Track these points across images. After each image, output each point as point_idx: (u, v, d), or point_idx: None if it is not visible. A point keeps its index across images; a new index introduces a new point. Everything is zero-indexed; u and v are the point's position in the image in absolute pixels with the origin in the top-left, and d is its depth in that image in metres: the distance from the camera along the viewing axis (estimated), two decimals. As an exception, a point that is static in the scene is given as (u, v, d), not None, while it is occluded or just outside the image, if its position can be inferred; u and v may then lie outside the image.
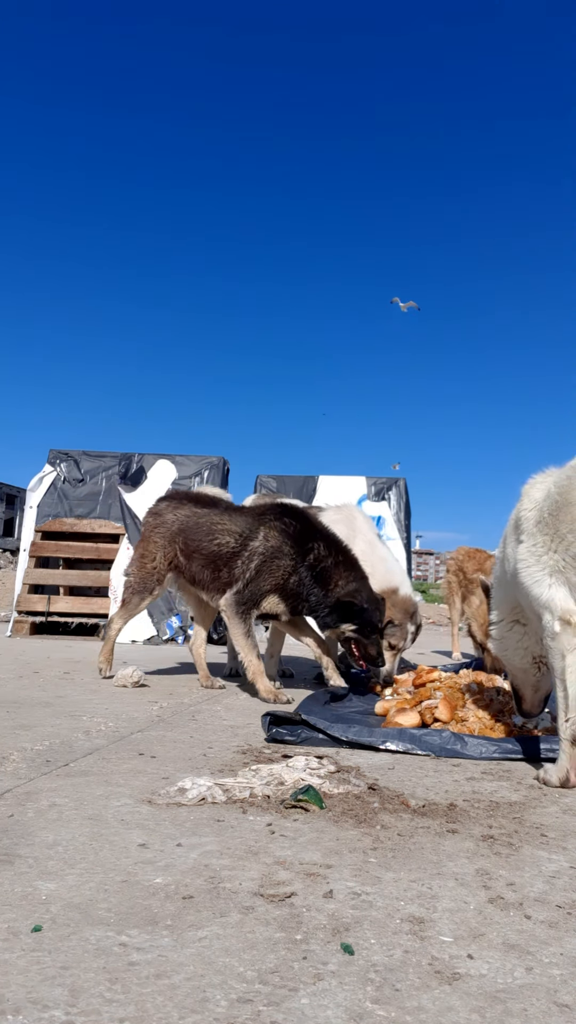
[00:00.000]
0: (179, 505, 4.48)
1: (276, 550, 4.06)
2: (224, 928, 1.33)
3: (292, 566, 4.04)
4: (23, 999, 1.09)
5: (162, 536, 4.38)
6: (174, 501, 4.56)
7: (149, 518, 4.54)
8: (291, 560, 4.04)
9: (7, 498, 36.17)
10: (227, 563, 4.15)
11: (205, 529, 4.25)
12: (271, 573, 4.05)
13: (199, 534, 4.26)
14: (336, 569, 4.04)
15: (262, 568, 4.06)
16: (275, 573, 4.05)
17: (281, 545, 4.06)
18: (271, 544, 4.07)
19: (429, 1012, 1.11)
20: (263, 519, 4.18)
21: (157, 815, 1.94)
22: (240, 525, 4.20)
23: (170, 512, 4.45)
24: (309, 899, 1.47)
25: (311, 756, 2.53)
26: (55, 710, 3.39)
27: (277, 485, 8.52)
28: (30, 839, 1.72)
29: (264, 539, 4.09)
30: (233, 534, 4.17)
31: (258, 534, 4.11)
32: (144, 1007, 1.08)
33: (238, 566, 4.11)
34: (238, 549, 4.13)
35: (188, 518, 4.36)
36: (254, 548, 4.09)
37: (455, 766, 2.65)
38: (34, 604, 7.85)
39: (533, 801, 2.25)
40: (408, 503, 8.60)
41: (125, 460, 8.40)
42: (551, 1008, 1.13)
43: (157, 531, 4.41)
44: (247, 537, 4.13)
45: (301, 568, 4.04)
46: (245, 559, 4.10)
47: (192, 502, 4.51)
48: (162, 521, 4.43)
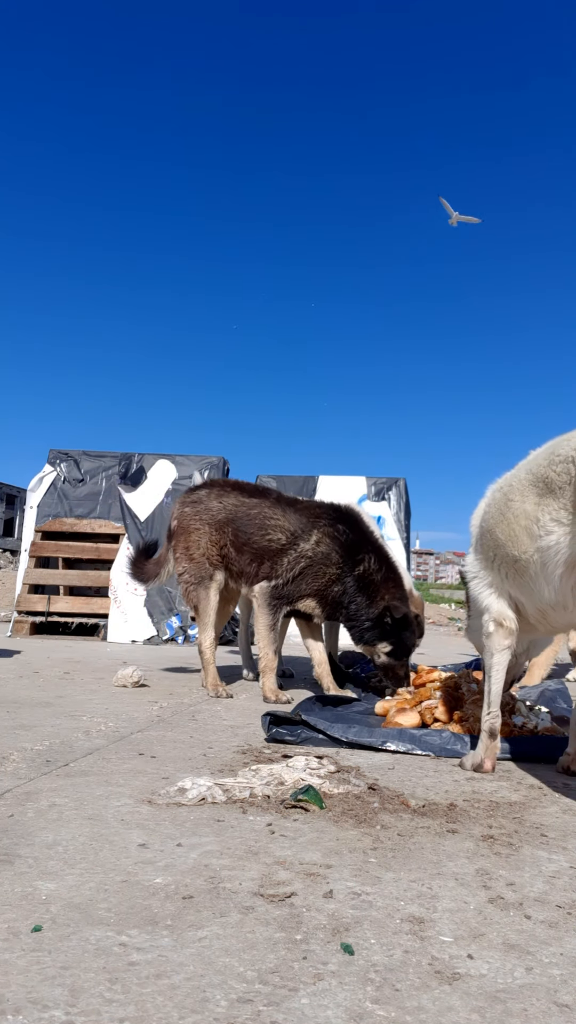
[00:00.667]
0: (224, 493, 4.27)
1: (325, 557, 3.97)
2: (224, 928, 1.33)
3: (338, 575, 3.96)
4: (23, 999, 1.09)
5: (207, 523, 4.17)
6: (216, 488, 4.34)
7: (187, 508, 4.29)
8: (338, 569, 3.96)
9: (7, 498, 36.19)
10: (272, 558, 4.03)
11: (257, 523, 4.08)
12: (315, 578, 3.98)
13: (251, 527, 4.08)
14: (384, 584, 3.94)
15: (306, 571, 3.98)
16: (319, 579, 3.98)
17: (331, 553, 3.97)
18: (321, 550, 3.98)
19: (429, 1012, 1.11)
20: (317, 522, 4.05)
21: (157, 815, 1.94)
22: (293, 523, 4.05)
23: (215, 500, 4.24)
24: (309, 899, 1.47)
25: (311, 756, 2.53)
26: (55, 710, 3.39)
27: (277, 485, 8.52)
28: (30, 839, 1.72)
29: (315, 543, 3.99)
30: (285, 531, 4.03)
31: (310, 537, 4.00)
32: (144, 1007, 1.08)
33: (283, 563, 4.00)
34: (286, 546, 4.01)
35: (237, 508, 4.17)
36: (303, 550, 3.99)
37: (455, 766, 2.66)
38: (34, 604, 7.85)
39: (533, 801, 2.25)
40: (408, 503, 8.60)
41: (125, 460, 8.40)
42: (551, 1008, 1.13)
43: (200, 518, 4.20)
44: (298, 536, 4.01)
45: (348, 578, 3.95)
46: (292, 559, 3.99)
47: (237, 490, 4.29)
48: (206, 508, 4.21)
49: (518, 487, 2.41)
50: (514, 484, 2.43)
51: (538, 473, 2.32)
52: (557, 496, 2.24)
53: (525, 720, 3.08)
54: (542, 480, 2.29)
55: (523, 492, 2.37)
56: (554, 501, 2.25)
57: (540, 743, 2.85)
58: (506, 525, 2.44)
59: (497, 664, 2.59)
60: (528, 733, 3.00)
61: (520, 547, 2.39)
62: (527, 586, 2.44)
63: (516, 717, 3.09)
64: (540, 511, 2.29)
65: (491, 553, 2.57)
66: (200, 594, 4.17)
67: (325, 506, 4.23)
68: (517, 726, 3.05)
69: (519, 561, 2.42)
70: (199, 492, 4.38)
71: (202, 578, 4.17)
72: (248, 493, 4.27)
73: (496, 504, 2.52)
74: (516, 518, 2.39)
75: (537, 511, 2.31)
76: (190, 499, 4.35)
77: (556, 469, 2.23)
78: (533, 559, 2.34)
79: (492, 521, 2.54)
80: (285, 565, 4.00)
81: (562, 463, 2.22)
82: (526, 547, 2.36)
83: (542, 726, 3.04)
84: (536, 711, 3.16)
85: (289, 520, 4.07)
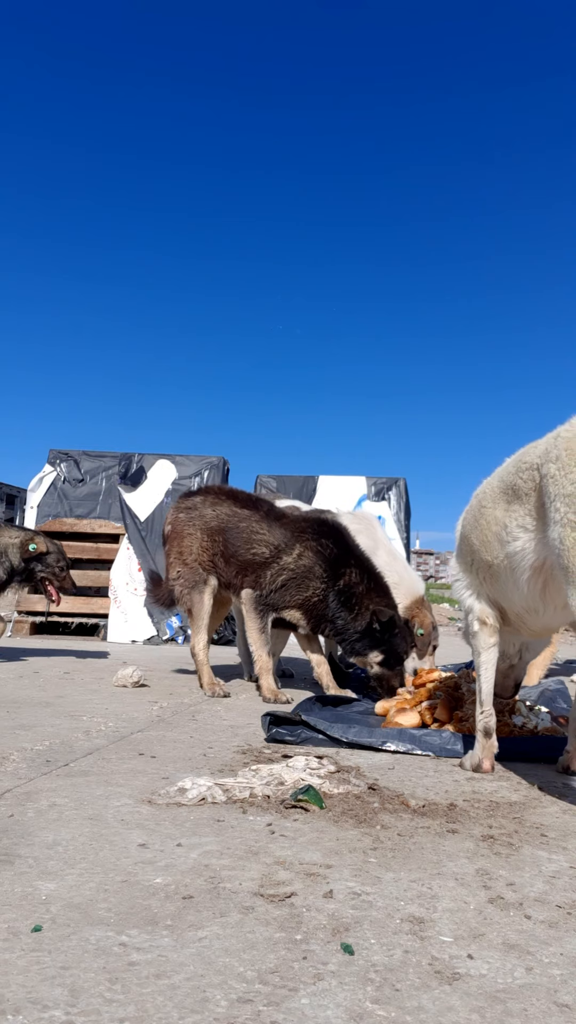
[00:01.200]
0: (218, 501, 4.31)
1: (307, 570, 4.00)
2: (224, 928, 1.33)
3: (321, 588, 3.99)
4: (23, 999, 1.09)
5: (199, 529, 4.23)
6: (211, 496, 4.39)
7: (181, 513, 4.35)
8: (321, 583, 3.98)
9: (7, 498, 36.21)
10: (256, 570, 4.10)
11: (245, 536, 4.14)
12: (298, 590, 4.02)
13: (239, 540, 4.14)
14: (368, 596, 3.95)
15: (289, 583, 4.02)
16: (302, 591, 4.02)
17: (313, 566, 4.00)
18: (303, 563, 4.01)
19: (429, 1012, 1.11)
20: (300, 536, 4.08)
21: (157, 815, 1.94)
22: (277, 537, 4.10)
23: (208, 507, 4.29)
24: (309, 899, 1.47)
25: (311, 756, 2.53)
26: (55, 710, 3.39)
27: (277, 485, 8.52)
28: (30, 839, 1.72)
29: (297, 557, 4.03)
30: (269, 545, 4.08)
31: (292, 550, 4.04)
32: (144, 1007, 1.08)
33: (266, 576, 4.06)
34: (269, 560, 4.06)
35: (229, 518, 4.21)
36: (285, 563, 4.03)
37: (455, 766, 2.66)
38: (34, 604, 7.85)
39: (533, 801, 2.25)
40: (408, 503, 8.60)
41: (125, 460, 8.40)
42: (551, 1008, 1.13)
43: (192, 524, 4.25)
44: (281, 550, 4.06)
45: (330, 592, 3.97)
46: (275, 571, 4.04)
47: (231, 499, 4.33)
48: (200, 515, 4.27)
49: (490, 494, 2.47)
50: (487, 491, 2.50)
51: (507, 480, 2.38)
52: (523, 502, 2.30)
53: (525, 720, 3.08)
54: (510, 487, 2.36)
55: (494, 499, 2.44)
56: (520, 507, 2.31)
57: (540, 743, 2.85)
58: (479, 531, 2.52)
59: (486, 663, 2.62)
60: (528, 733, 3.00)
61: (491, 553, 2.46)
62: (501, 591, 2.52)
63: (516, 717, 3.09)
64: (508, 517, 2.36)
65: (469, 558, 2.64)
66: (194, 598, 4.23)
67: (310, 521, 4.27)
68: (517, 726, 3.05)
69: (492, 566, 2.49)
70: (194, 499, 4.44)
71: (196, 582, 4.23)
72: (241, 503, 4.30)
73: (471, 511, 2.60)
74: (488, 524, 2.46)
75: (505, 517, 2.37)
76: (184, 505, 4.43)
77: (523, 476, 2.29)
78: (503, 564, 2.42)
79: (468, 527, 2.61)
80: (268, 577, 4.07)
81: (528, 470, 2.27)
82: (496, 553, 2.43)
83: (542, 726, 3.04)
84: (536, 711, 3.16)
85: (274, 534, 4.12)
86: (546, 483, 2.15)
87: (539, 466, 2.20)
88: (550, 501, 2.12)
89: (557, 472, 2.10)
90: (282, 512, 4.34)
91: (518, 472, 2.31)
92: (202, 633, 4.25)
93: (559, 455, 2.11)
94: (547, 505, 2.14)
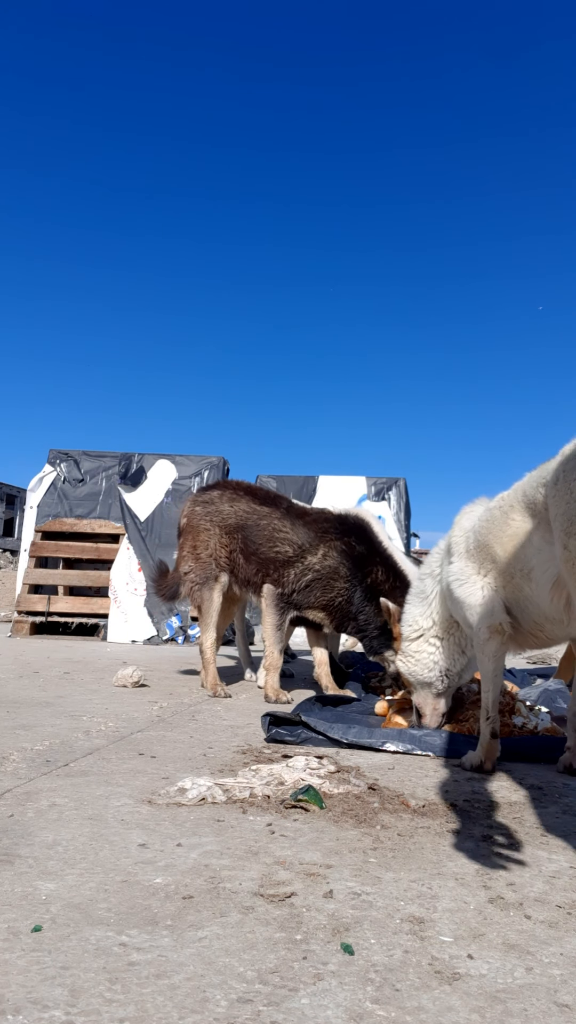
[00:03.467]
0: (236, 497, 4.25)
1: (332, 570, 3.96)
2: (224, 928, 1.33)
3: (346, 588, 3.95)
4: (23, 999, 1.09)
5: (216, 525, 4.18)
6: (229, 491, 4.32)
7: (198, 507, 4.29)
8: (346, 583, 3.95)
9: (7, 498, 36.23)
10: (279, 568, 4.04)
11: (267, 534, 4.08)
12: (324, 591, 3.98)
13: (260, 538, 4.09)
14: (392, 594, 3.88)
15: (314, 584, 3.98)
16: (327, 592, 3.98)
17: (338, 566, 3.96)
18: (328, 564, 3.97)
19: (429, 1012, 1.11)
20: (325, 536, 4.03)
21: (157, 815, 1.94)
22: (301, 536, 4.05)
23: (226, 503, 4.23)
24: (309, 899, 1.47)
25: (311, 756, 2.53)
26: (55, 710, 3.39)
27: (277, 485, 8.52)
28: (30, 839, 1.72)
29: (322, 557, 3.99)
30: (293, 544, 4.04)
31: (317, 550, 4.00)
32: (144, 1007, 1.08)
33: (289, 575, 4.01)
34: (293, 559, 4.02)
35: (248, 515, 4.16)
36: (310, 563, 3.99)
37: (455, 766, 2.66)
38: (34, 604, 7.85)
39: (533, 801, 2.24)
40: (408, 503, 8.60)
41: (125, 460, 8.40)
42: (551, 1008, 1.13)
43: (209, 519, 4.21)
44: (306, 550, 4.01)
45: (356, 591, 3.94)
46: (299, 571, 4.00)
47: (250, 496, 4.27)
48: (217, 510, 4.22)
49: (517, 506, 2.53)
50: (513, 503, 2.54)
51: (529, 495, 2.45)
52: (541, 516, 2.38)
53: (525, 720, 3.08)
54: (532, 501, 2.43)
55: (521, 511, 2.50)
56: (541, 521, 2.39)
57: (540, 743, 2.85)
58: (506, 541, 2.54)
59: (494, 671, 2.61)
60: (528, 733, 3.00)
61: (516, 564, 2.51)
62: (523, 599, 2.54)
63: (516, 717, 3.09)
64: (534, 531, 2.44)
65: (488, 565, 2.64)
66: (204, 594, 4.18)
67: (334, 518, 4.17)
68: (517, 726, 3.05)
69: (514, 577, 2.53)
70: (211, 493, 4.36)
71: (207, 578, 4.17)
72: (260, 500, 4.24)
73: (495, 520, 2.61)
74: (515, 535, 2.50)
75: (532, 530, 2.44)
76: (202, 499, 4.34)
77: (540, 492, 2.37)
78: (529, 576, 2.47)
79: (491, 536, 2.61)
80: (292, 576, 4.00)
81: (541, 487, 2.36)
82: (521, 564, 2.49)
83: (542, 726, 3.04)
84: (536, 711, 3.16)
85: (297, 533, 4.05)
86: (548, 502, 2.27)
87: (546, 484, 2.31)
88: (552, 519, 2.24)
89: (555, 492, 2.21)
90: (303, 509, 4.28)
91: (537, 486, 2.40)
92: (211, 631, 4.20)
93: (558, 476, 2.22)
94: (552, 521, 2.25)
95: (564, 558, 2.16)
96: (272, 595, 4.02)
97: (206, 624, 4.21)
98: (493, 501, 2.69)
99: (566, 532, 2.14)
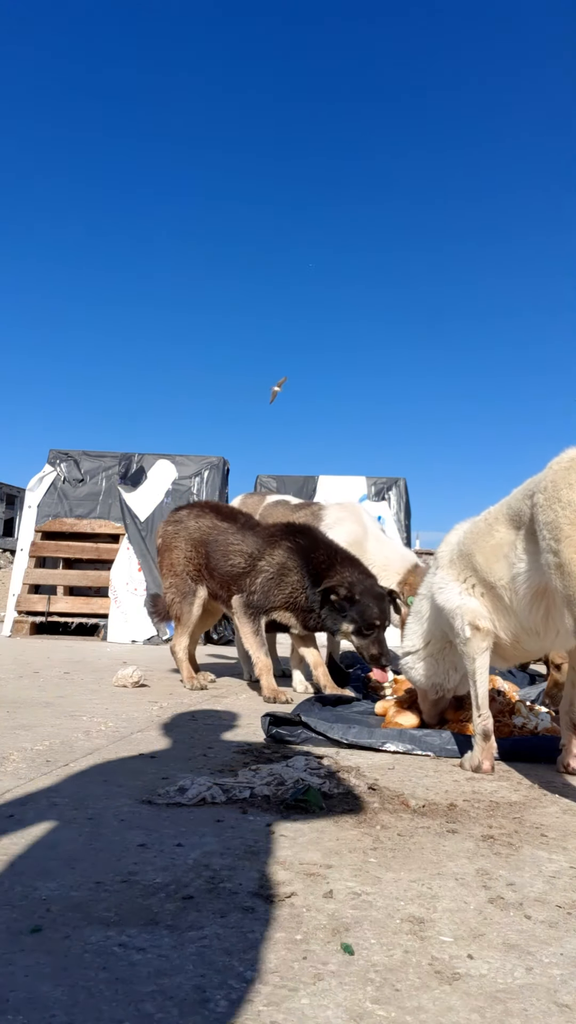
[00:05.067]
0: (202, 514, 4.53)
1: (281, 567, 4.10)
2: (224, 928, 1.33)
3: (298, 580, 4.06)
4: (23, 999, 1.09)
5: (184, 540, 4.45)
6: (196, 509, 4.63)
7: (169, 527, 4.59)
8: (296, 575, 4.07)
9: (7, 498, 36.25)
10: (236, 579, 4.24)
11: (223, 550, 4.30)
12: (279, 589, 4.10)
13: (218, 554, 4.31)
14: (331, 568, 4.01)
15: (269, 583, 4.11)
16: (283, 589, 4.10)
17: (286, 560, 4.09)
18: (275, 560, 4.12)
19: (429, 1012, 1.11)
20: (272, 539, 4.21)
21: (157, 815, 1.94)
22: (251, 546, 4.23)
23: (193, 520, 4.51)
24: (309, 899, 1.47)
25: (311, 756, 2.53)
26: (55, 710, 3.39)
27: (277, 485, 8.52)
28: (30, 839, 1.72)
29: (270, 556, 4.15)
30: (244, 555, 4.22)
31: (264, 555, 4.17)
32: (144, 1007, 1.08)
33: (246, 581, 4.19)
34: (247, 569, 4.19)
35: (210, 531, 4.41)
36: (260, 567, 4.15)
37: (455, 766, 2.66)
38: (34, 604, 7.85)
39: (533, 801, 2.25)
40: (408, 503, 8.60)
41: (125, 460, 8.40)
42: (551, 1008, 1.13)
43: (178, 536, 4.48)
44: (256, 557, 4.19)
45: (306, 581, 4.05)
46: (253, 575, 4.17)
47: (213, 512, 4.54)
48: (185, 527, 4.49)
49: (502, 518, 2.59)
50: (498, 515, 2.62)
51: (514, 506, 2.52)
52: (527, 527, 2.43)
53: (525, 720, 3.08)
54: (517, 513, 2.49)
55: (506, 522, 2.57)
56: (525, 531, 2.45)
57: (540, 743, 2.85)
58: (488, 551, 2.61)
59: (480, 668, 2.64)
60: (528, 733, 3.00)
61: (496, 574, 2.57)
62: (504, 609, 2.60)
63: (516, 717, 3.09)
64: (517, 540, 2.50)
65: (468, 572, 2.70)
66: (183, 608, 4.47)
67: (283, 525, 4.41)
68: (517, 726, 3.05)
69: (495, 587, 2.58)
70: (180, 512, 4.70)
71: (186, 593, 4.46)
72: (222, 516, 4.51)
73: (479, 532, 2.68)
74: (499, 546, 2.57)
75: (515, 540, 2.51)
76: (173, 519, 4.68)
77: (526, 503, 2.43)
78: (507, 586, 2.53)
79: (475, 546, 2.67)
80: (247, 583, 4.18)
81: (527, 497, 2.41)
82: (502, 574, 2.55)
83: (542, 726, 3.04)
84: (536, 711, 3.16)
85: (248, 544, 4.25)
86: (535, 511, 2.32)
87: (532, 494, 2.37)
88: (539, 528, 2.29)
89: (543, 501, 2.27)
90: (256, 522, 4.52)
91: (524, 498, 2.45)
92: (184, 637, 4.50)
93: (546, 485, 2.28)
94: (537, 532, 2.31)
95: (553, 564, 2.21)
96: (239, 604, 4.20)
97: (181, 631, 4.50)
98: (479, 515, 2.78)
99: (555, 539, 2.20)
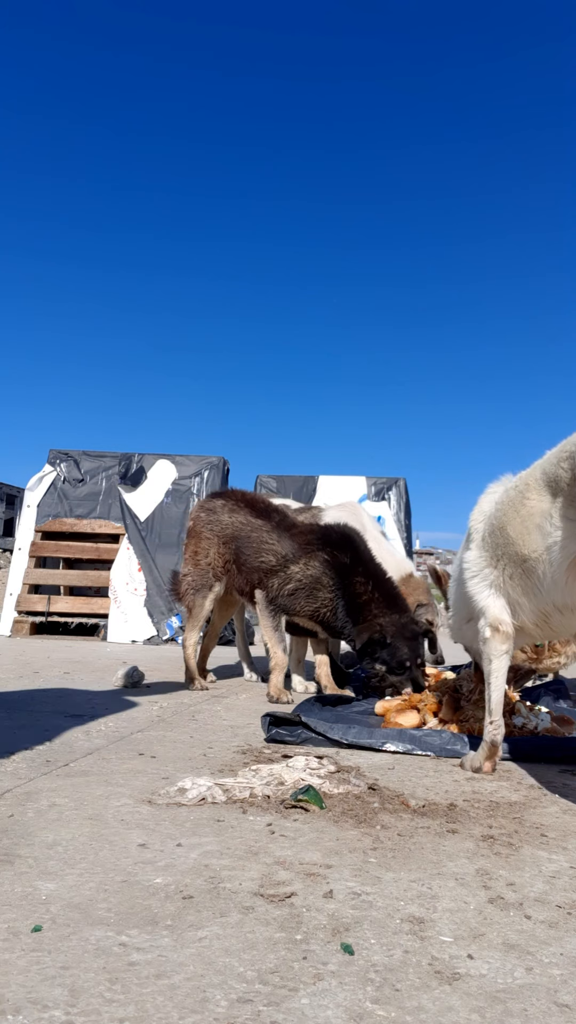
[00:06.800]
0: (236, 508, 4.41)
1: (316, 580, 4.02)
2: (224, 928, 1.33)
3: (330, 599, 4.00)
4: (23, 999, 1.09)
5: (216, 535, 4.36)
6: (232, 502, 4.48)
7: (202, 514, 4.48)
8: (329, 593, 3.99)
9: (7, 498, 36.24)
10: (265, 576, 4.14)
11: (255, 547, 4.21)
12: (307, 600, 4.04)
13: (249, 549, 4.22)
14: (366, 608, 3.89)
15: (297, 592, 4.05)
16: (311, 603, 4.04)
17: (321, 576, 4.01)
18: (310, 572, 4.04)
19: (429, 1012, 1.11)
20: (308, 548, 4.10)
21: (157, 815, 1.94)
22: (286, 547, 4.13)
23: (226, 514, 4.39)
24: (309, 899, 1.47)
25: (311, 756, 2.53)
26: (55, 710, 3.39)
27: (277, 485, 8.53)
28: (30, 839, 1.72)
29: (304, 566, 4.06)
30: (277, 555, 4.13)
31: (299, 560, 4.07)
32: (144, 1007, 1.08)
33: (274, 582, 4.10)
34: (276, 568, 4.11)
35: (243, 527, 4.30)
36: (292, 572, 4.07)
37: (455, 766, 2.66)
38: (34, 604, 7.85)
39: (533, 801, 2.25)
40: (408, 503, 8.61)
41: (125, 460, 8.40)
42: (551, 1008, 1.13)
43: (210, 528, 4.38)
44: (288, 560, 4.10)
45: (339, 602, 3.98)
46: (283, 579, 4.08)
47: (248, 507, 4.41)
48: (217, 520, 4.39)
49: (534, 484, 2.41)
50: (530, 482, 2.44)
51: (549, 471, 2.34)
52: (565, 492, 2.27)
53: (525, 720, 3.08)
54: (553, 478, 2.32)
55: (539, 489, 2.39)
56: (563, 498, 2.28)
57: (540, 743, 2.85)
58: (519, 522, 2.44)
59: (496, 671, 2.56)
60: (528, 733, 3.00)
61: (530, 545, 2.39)
62: (533, 587, 2.44)
63: (516, 717, 3.09)
64: (553, 508, 2.32)
65: (499, 551, 2.55)
66: (197, 600, 4.39)
67: (319, 529, 4.25)
68: (517, 726, 3.05)
69: (528, 560, 2.42)
70: (216, 502, 4.56)
71: (202, 586, 4.38)
72: (256, 513, 4.37)
73: (511, 501, 2.51)
74: (531, 515, 2.39)
75: (551, 508, 2.33)
76: (207, 506, 4.56)
77: (563, 465, 2.26)
78: (542, 558, 2.36)
79: (505, 518, 2.51)
80: (275, 584, 4.11)
81: (568, 459, 2.24)
82: (536, 545, 2.37)
83: (542, 726, 3.04)
84: (536, 711, 3.16)
85: (283, 545, 4.16)
86: None
87: (571, 455, 2.20)
88: None
89: None
90: (293, 522, 4.36)
91: (559, 462, 2.29)
92: (194, 633, 4.46)
93: None
94: None
95: None
96: (262, 600, 4.15)
97: (192, 625, 4.46)
98: (511, 481, 2.60)
99: None
